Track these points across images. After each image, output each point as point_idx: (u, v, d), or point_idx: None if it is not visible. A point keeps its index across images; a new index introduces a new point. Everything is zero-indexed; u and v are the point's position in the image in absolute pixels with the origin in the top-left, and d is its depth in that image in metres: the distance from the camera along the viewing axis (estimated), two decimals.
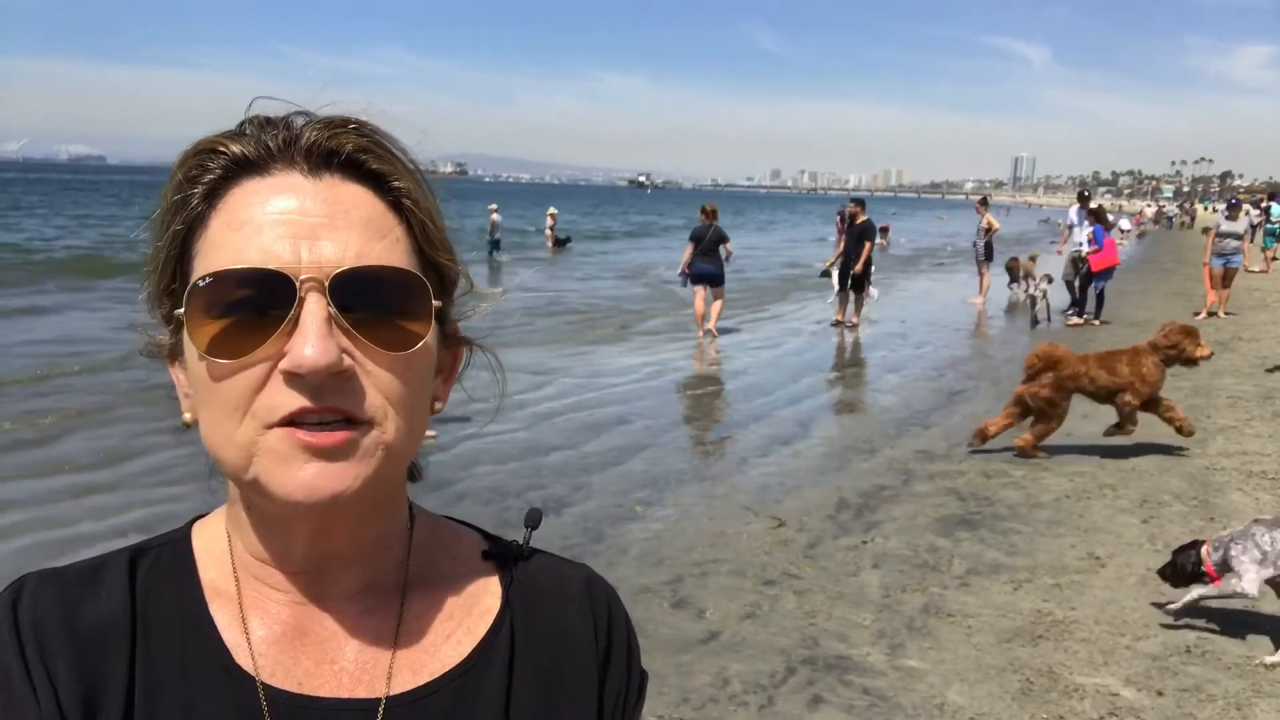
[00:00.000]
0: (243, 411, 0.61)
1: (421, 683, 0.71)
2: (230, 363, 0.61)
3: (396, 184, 0.67)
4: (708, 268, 12.69)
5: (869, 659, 3.90)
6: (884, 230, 28.90)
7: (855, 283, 13.93)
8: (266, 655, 0.68)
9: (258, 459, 0.61)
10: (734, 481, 6.46)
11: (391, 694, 0.70)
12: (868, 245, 14.09)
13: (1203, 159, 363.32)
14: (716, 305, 12.86)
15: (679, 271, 13.33)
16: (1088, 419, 8.08)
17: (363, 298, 0.62)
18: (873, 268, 14.32)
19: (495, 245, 23.95)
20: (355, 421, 0.62)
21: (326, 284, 0.61)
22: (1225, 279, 14.50)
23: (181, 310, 0.63)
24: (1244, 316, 14.41)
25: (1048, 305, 14.50)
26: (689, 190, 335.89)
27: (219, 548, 0.73)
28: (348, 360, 0.62)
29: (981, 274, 16.95)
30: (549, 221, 31.07)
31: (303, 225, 0.62)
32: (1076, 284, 14.37)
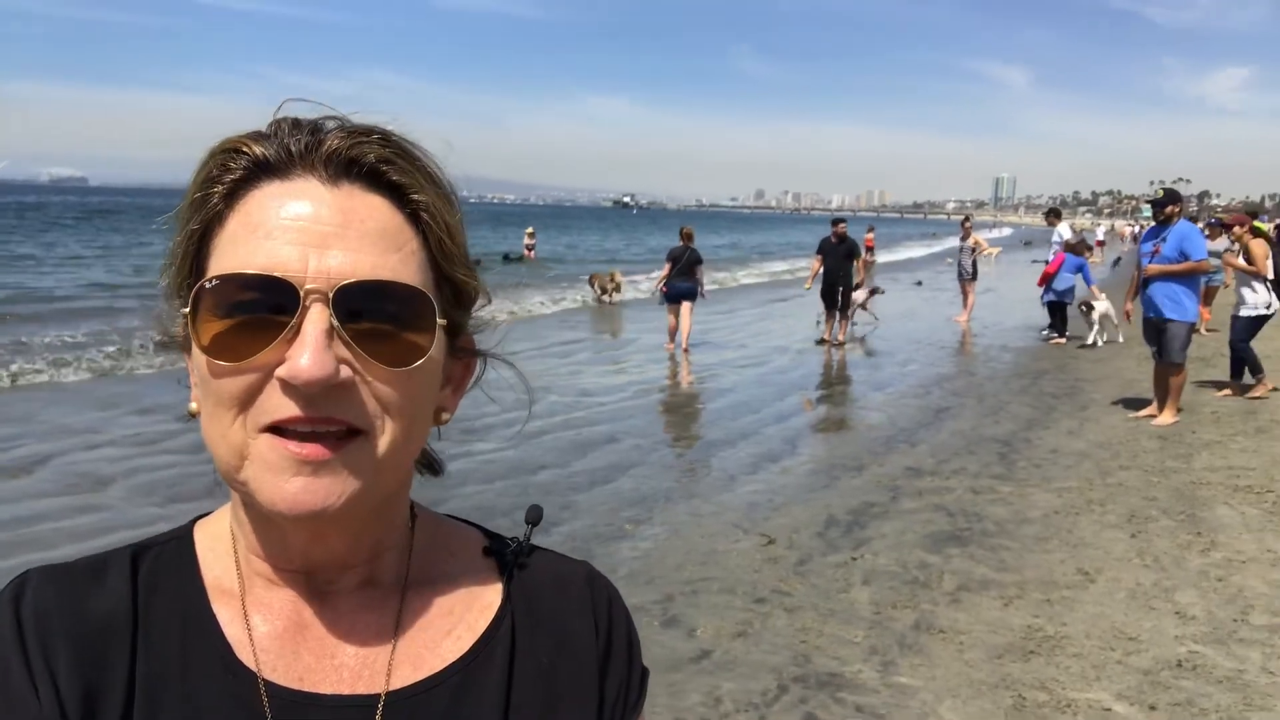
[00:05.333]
0: (237, 411, 0.62)
1: (421, 678, 0.71)
2: (230, 364, 0.62)
3: (416, 196, 0.67)
4: (685, 285, 13.31)
5: (861, 676, 3.88)
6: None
7: (843, 302, 14.07)
8: (268, 651, 0.69)
9: (249, 463, 0.62)
10: (723, 499, 6.43)
11: (391, 689, 0.70)
12: (859, 262, 14.57)
13: (1180, 179, 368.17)
14: (687, 322, 13.24)
15: (656, 289, 14.15)
16: (1073, 435, 8.13)
17: (367, 310, 0.63)
18: (859, 286, 14.64)
19: None
20: (350, 430, 0.62)
21: (330, 295, 0.61)
22: (1206, 297, 14.70)
23: (187, 309, 0.64)
24: (1225, 333, 14.52)
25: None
26: (674, 211, 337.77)
27: (222, 545, 0.73)
28: (346, 371, 0.62)
29: (966, 292, 17.17)
30: (527, 240, 34.79)
31: (314, 233, 0.62)
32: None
